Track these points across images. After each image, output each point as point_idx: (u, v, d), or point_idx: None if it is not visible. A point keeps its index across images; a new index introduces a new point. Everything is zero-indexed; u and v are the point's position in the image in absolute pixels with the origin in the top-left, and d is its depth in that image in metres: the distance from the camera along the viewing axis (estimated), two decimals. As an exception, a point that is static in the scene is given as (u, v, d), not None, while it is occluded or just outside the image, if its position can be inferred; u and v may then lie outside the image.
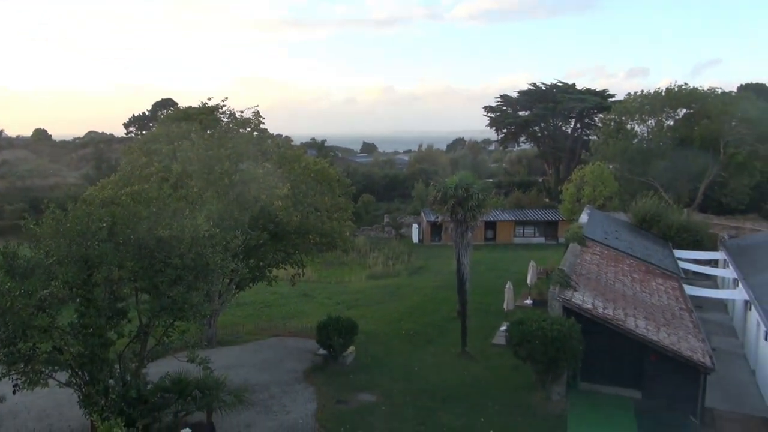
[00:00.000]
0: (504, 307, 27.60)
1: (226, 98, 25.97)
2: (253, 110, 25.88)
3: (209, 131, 24.76)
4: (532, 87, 70.05)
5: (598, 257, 26.60)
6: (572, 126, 69.10)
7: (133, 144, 27.04)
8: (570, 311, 19.53)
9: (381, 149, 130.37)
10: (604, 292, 21.79)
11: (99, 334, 14.11)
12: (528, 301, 29.90)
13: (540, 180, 70.46)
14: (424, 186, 53.30)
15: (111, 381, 14.85)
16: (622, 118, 48.39)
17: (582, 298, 20.15)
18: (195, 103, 26.74)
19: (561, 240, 44.46)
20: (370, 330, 26.74)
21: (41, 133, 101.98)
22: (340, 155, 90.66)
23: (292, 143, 34.80)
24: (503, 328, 24.26)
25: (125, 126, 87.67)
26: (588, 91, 67.70)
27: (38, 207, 18.82)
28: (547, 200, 59.88)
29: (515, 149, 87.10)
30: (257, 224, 22.63)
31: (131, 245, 14.67)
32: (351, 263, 43.69)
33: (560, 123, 69.51)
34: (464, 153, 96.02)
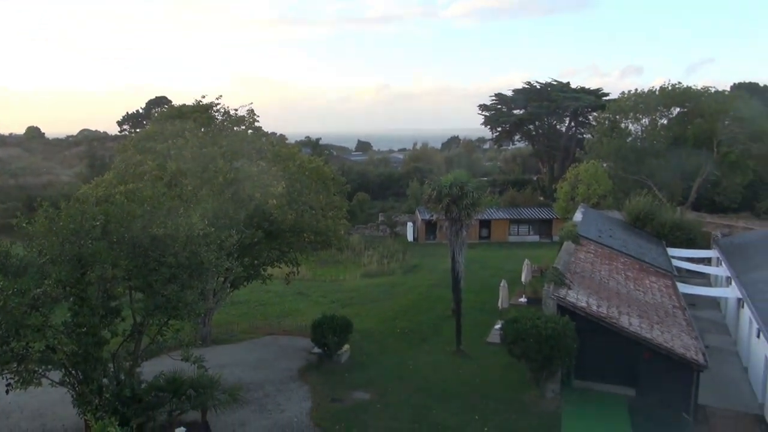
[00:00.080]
0: (498, 306, 27.69)
1: (221, 96, 25.88)
2: (248, 108, 25.82)
3: (204, 129, 24.67)
4: (527, 85, 70.15)
5: (593, 255, 26.70)
6: (567, 124, 69.26)
7: (127, 142, 26.87)
8: (564, 309, 19.62)
9: (376, 147, 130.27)
10: (598, 291, 21.88)
11: (93, 333, 14.07)
12: (522, 300, 29.98)
13: (534, 178, 70.55)
14: (419, 184, 53.26)
15: (105, 380, 14.81)
16: (617, 117, 48.54)
17: (576, 297, 20.24)
18: (191, 103, 26.54)
19: (555, 238, 44.63)
20: (365, 328, 26.76)
21: (34, 131, 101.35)
22: (335, 153, 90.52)
23: (287, 141, 34.79)
24: (498, 327, 24.31)
25: (119, 124, 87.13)
26: (582, 90, 67.87)
27: (31, 205, 18.71)
28: (542, 199, 59.96)
29: (510, 148, 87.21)
30: (252, 223, 22.59)
31: (125, 244, 14.62)
32: (346, 262, 43.64)
33: (555, 122, 69.63)
34: (459, 151, 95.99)
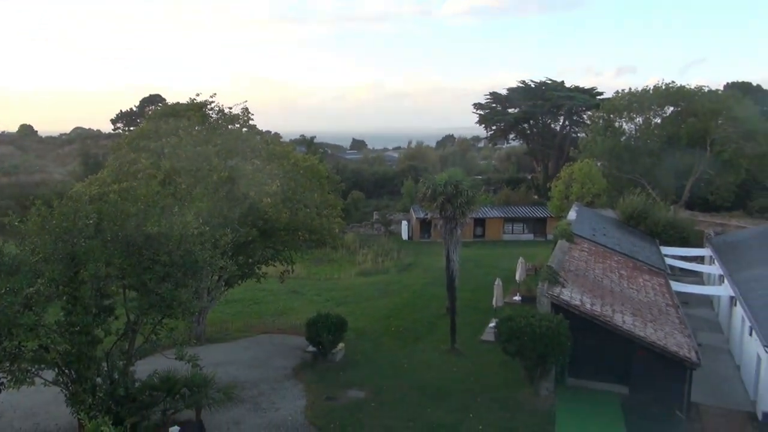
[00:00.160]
0: (493, 304, 27.73)
1: (215, 94, 25.77)
2: (242, 106, 25.74)
3: (198, 127, 24.58)
4: (522, 84, 70.24)
5: (586, 254, 26.79)
6: (561, 123, 69.36)
7: (121, 140, 26.75)
8: (558, 307, 19.69)
9: (371, 146, 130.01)
10: (592, 289, 21.96)
11: (86, 332, 14.02)
12: (517, 298, 30.03)
13: (529, 177, 70.67)
14: (414, 183, 53.26)
15: (98, 379, 14.76)
16: (611, 116, 48.66)
17: (570, 295, 20.31)
18: (186, 101, 26.39)
19: (550, 237, 44.68)
20: (360, 327, 26.77)
21: (27, 129, 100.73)
22: (330, 152, 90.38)
23: (281, 140, 34.65)
24: (492, 325, 24.37)
25: (113, 122, 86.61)
26: (577, 89, 67.99)
27: (24, 204, 18.59)
28: (536, 197, 60.09)
29: (504, 146, 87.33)
30: (246, 221, 22.54)
31: (119, 242, 14.55)
32: (340, 260, 43.58)
33: (549, 120, 69.72)
34: (454, 150, 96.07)
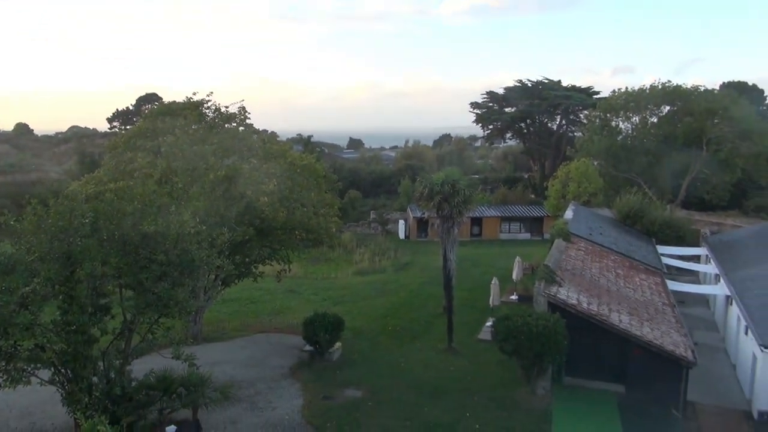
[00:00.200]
0: (490, 303, 27.77)
1: (211, 93, 25.73)
2: (239, 105, 25.71)
3: (194, 126, 24.54)
4: (518, 83, 70.29)
5: (583, 253, 26.84)
6: (558, 122, 69.45)
7: (118, 139, 26.68)
8: (555, 307, 19.71)
9: (367, 145, 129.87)
10: (589, 288, 22.00)
11: (82, 331, 13.97)
12: (514, 297, 30.07)
13: (526, 176, 70.74)
14: (411, 182, 53.24)
15: (95, 378, 14.73)
16: (607, 115, 48.73)
17: (567, 294, 20.34)
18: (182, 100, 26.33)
19: (546, 236, 44.78)
20: (357, 326, 26.76)
21: (23, 128, 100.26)
22: (327, 151, 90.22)
23: (278, 139, 34.62)
24: (489, 324, 24.39)
25: (109, 121, 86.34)
26: (574, 88, 68.06)
27: (20, 203, 18.52)
28: (533, 196, 60.15)
29: (501, 145, 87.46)
30: (243, 220, 22.51)
31: (115, 241, 14.52)
32: (337, 259, 43.60)
33: (546, 119, 69.78)
34: (451, 149, 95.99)
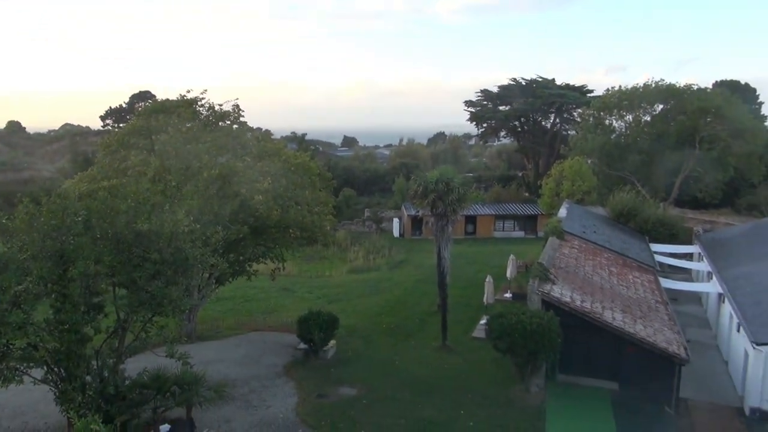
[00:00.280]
0: (484, 301, 27.83)
1: (205, 91, 25.66)
2: (233, 103, 25.64)
3: (188, 124, 24.45)
4: (513, 82, 70.32)
5: (577, 251, 26.93)
6: (552, 121, 69.59)
7: (111, 137, 26.57)
8: (549, 304, 19.78)
9: (362, 143, 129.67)
10: (582, 286, 22.08)
11: (75, 330, 13.90)
12: (508, 295, 30.15)
13: (520, 174, 70.87)
14: (405, 180, 53.28)
15: (88, 377, 14.65)
16: (601, 114, 48.87)
17: (561, 292, 20.41)
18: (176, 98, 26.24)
19: (540, 234, 44.91)
20: (351, 324, 26.76)
21: (15, 125, 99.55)
22: (321, 149, 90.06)
23: (273, 137, 34.61)
24: (483, 322, 24.44)
25: (102, 119, 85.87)
26: (567, 87, 68.20)
27: (11, 201, 18.39)
28: (527, 195, 60.34)
29: (495, 144, 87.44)
30: (237, 218, 22.45)
31: (108, 239, 14.45)
32: (332, 257, 43.57)
33: (540, 118, 69.91)
34: (445, 147, 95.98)
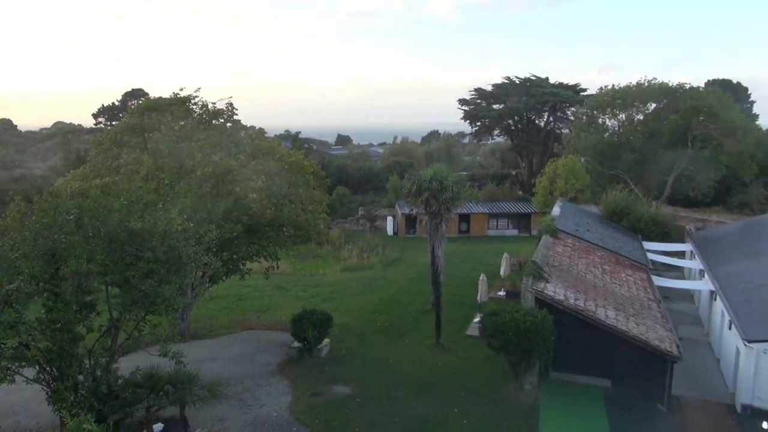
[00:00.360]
0: (478, 299, 27.87)
1: (199, 89, 25.59)
2: (227, 101, 25.57)
3: (182, 122, 24.37)
4: (506, 80, 70.36)
5: (570, 249, 27.02)
6: (545, 119, 69.71)
7: (103, 135, 26.44)
8: (542, 302, 19.85)
9: (356, 141, 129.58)
10: (576, 284, 22.16)
11: (67, 329, 13.84)
12: (501, 293, 30.23)
13: (513, 173, 70.97)
14: (399, 178, 53.26)
15: (80, 376, 14.59)
16: (594, 112, 48.98)
17: (554, 290, 20.48)
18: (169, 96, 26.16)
19: (534, 232, 45.01)
20: (345, 322, 26.77)
21: (6, 123, 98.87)
22: (315, 147, 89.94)
23: (266, 135, 34.54)
24: (477, 320, 24.50)
25: (94, 117, 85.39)
26: (561, 85, 68.33)
27: (3, 199, 18.29)
28: (521, 193, 60.47)
29: (489, 142, 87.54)
30: (231, 217, 22.40)
31: (101, 238, 14.37)
32: (325, 256, 43.54)
33: (533, 116, 70.02)
34: (439, 146, 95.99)
